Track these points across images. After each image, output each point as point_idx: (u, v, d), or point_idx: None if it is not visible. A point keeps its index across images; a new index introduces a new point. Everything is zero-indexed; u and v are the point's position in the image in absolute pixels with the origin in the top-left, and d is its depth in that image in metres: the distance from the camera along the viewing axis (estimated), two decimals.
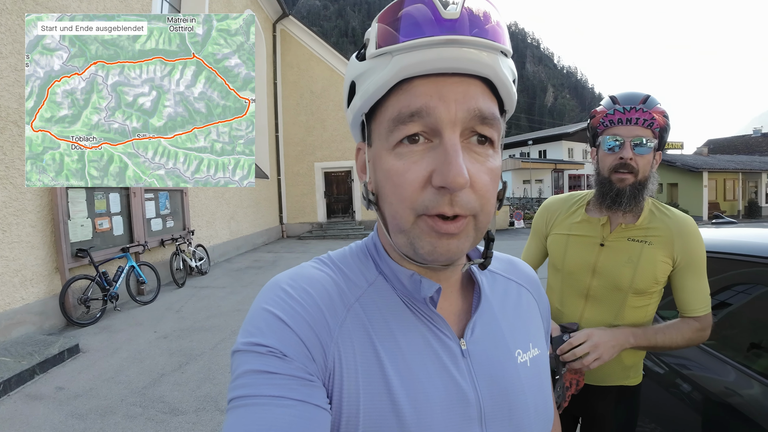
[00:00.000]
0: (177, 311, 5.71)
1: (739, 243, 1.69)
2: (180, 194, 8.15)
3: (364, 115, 0.50)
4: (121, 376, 3.72)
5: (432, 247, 0.45)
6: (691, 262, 1.22)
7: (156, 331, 4.92)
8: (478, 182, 0.44)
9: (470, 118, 0.43)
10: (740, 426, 1.32)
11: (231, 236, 10.62)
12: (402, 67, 0.43)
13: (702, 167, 22.92)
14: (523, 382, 0.54)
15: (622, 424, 1.35)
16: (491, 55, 0.43)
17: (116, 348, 4.40)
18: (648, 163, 1.22)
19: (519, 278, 0.65)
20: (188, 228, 8.25)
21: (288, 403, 0.41)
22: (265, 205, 13.39)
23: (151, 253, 7.09)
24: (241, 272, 8.48)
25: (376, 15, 0.47)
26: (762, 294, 1.56)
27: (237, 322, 5.15)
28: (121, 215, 6.34)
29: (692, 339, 1.22)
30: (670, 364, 1.69)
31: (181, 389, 3.43)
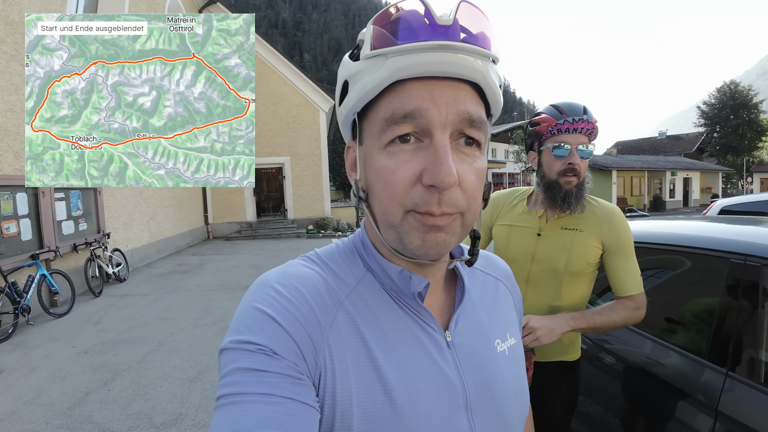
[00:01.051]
0: (96, 323, 5.23)
1: (651, 233, 1.95)
2: (93, 193, 7.38)
3: (356, 114, 0.51)
4: (42, 396, 3.38)
5: (421, 241, 0.47)
6: (619, 246, 1.38)
7: (75, 345, 4.49)
8: (466, 182, 0.46)
9: (459, 121, 0.45)
10: (658, 389, 1.54)
11: (151, 239, 9.86)
12: (396, 68, 0.44)
13: (611, 166, 25.91)
14: (503, 370, 0.57)
15: (564, 398, 1.49)
16: (481, 61, 0.45)
17: (34, 366, 3.97)
18: (586, 165, 1.41)
19: (496, 273, 0.69)
20: (103, 231, 7.52)
21: (277, 400, 0.41)
22: (189, 204, 12.59)
23: (63, 260, 6.40)
24: (164, 278, 7.92)
25: (308, 7, 0.50)
26: (671, 277, 1.84)
27: (164, 332, 4.83)
28: (30, 218, 5.64)
29: (629, 318, 1.35)
30: (594, 339, 1.92)
31: (109, 407, 3.19)
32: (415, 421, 0.47)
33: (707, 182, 32.53)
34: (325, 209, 15.51)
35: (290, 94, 14.84)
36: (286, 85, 14.75)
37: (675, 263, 1.81)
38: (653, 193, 28.82)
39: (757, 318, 1.35)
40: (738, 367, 1.34)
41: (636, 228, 2.10)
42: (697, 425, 1.34)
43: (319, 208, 15.46)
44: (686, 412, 1.41)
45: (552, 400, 1.48)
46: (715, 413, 1.29)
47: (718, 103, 37.57)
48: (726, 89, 37.56)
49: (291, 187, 15.16)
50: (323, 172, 15.44)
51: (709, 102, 38.55)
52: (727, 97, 37.12)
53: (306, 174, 15.23)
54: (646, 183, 27.95)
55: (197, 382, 3.60)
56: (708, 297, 1.59)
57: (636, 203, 26.91)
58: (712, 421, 1.30)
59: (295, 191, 15.21)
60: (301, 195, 15.28)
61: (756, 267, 1.39)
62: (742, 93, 36.79)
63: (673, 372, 1.52)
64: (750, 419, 1.23)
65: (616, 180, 25.68)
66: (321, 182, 15.42)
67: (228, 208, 14.60)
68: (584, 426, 1.87)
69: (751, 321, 1.36)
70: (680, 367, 1.51)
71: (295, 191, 15.21)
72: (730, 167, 35.33)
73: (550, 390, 1.48)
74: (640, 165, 27.48)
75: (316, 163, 15.28)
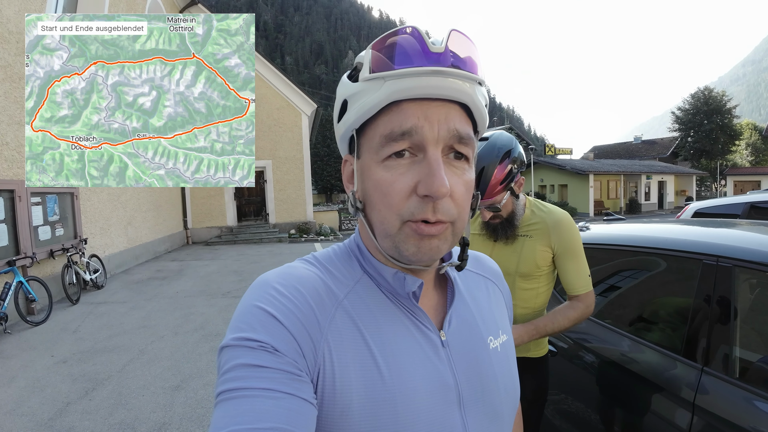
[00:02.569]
0: (74, 331, 5.07)
1: (627, 236, 2.02)
2: (70, 197, 7.14)
3: (354, 131, 0.55)
4: (22, 407, 3.27)
5: (416, 248, 0.50)
6: (567, 249, 1.49)
7: (53, 355, 4.34)
8: (456, 192, 0.50)
9: (450, 137, 0.50)
10: (634, 382, 1.59)
11: (129, 244, 9.62)
12: (394, 91, 0.49)
13: (588, 170, 26.53)
14: (495, 367, 0.60)
15: (534, 391, 1.58)
16: (470, 84, 0.50)
17: (12, 376, 3.83)
18: (509, 203, 1.51)
19: (485, 272, 0.73)
20: (80, 236, 7.30)
21: (278, 395, 0.42)
22: (167, 208, 12.33)
23: (39, 267, 6.19)
24: (143, 284, 7.72)
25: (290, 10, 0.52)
26: (647, 278, 1.90)
27: (143, 340, 4.72)
28: (5, 222, 5.42)
29: (578, 318, 1.45)
30: (574, 339, 1.97)
31: (91, 418, 3.10)
32: (412, 417, 0.49)
33: (682, 185, 33.55)
34: (307, 213, 15.42)
35: (271, 96, 14.73)
36: (267, 88, 14.63)
37: (650, 264, 1.87)
38: (629, 196, 29.61)
39: (729, 316, 1.40)
40: (712, 363, 1.39)
41: (613, 231, 2.17)
42: (675, 419, 1.40)
43: (301, 212, 15.36)
44: (664, 406, 1.46)
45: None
46: (693, 407, 1.35)
47: (692, 109, 38.83)
48: (700, 95, 38.87)
49: (272, 191, 15.02)
50: (305, 176, 15.35)
51: (684, 107, 39.85)
52: (701, 102, 38.40)
53: (288, 178, 15.12)
54: (622, 186, 28.72)
55: (180, 390, 3.53)
56: (682, 297, 1.64)
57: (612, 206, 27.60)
58: (690, 414, 1.35)
59: (277, 195, 15.07)
60: (282, 199, 15.15)
61: (728, 267, 1.45)
62: (716, 99, 38.13)
63: (650, 369, 1.57)
64: (724, 412, 1.28)
65: (593, 184, 26.31)
66: (303, 186, 15.32)
67: (208, 212, 14.36)
68: (566, 422, 1.92)
69: (723, 318, 1.42)
70: (657, 363, 1.55)
71: (277, 195, 15.07)
72: (703, 170, 36.44)
73: None
74: (616, 169, 28.24)
75: (298, 167, 15.19)
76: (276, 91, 14.75)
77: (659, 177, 31.07)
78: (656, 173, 30.54)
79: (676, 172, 32.26)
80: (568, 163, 28.23)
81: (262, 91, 14.54)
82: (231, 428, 0.40)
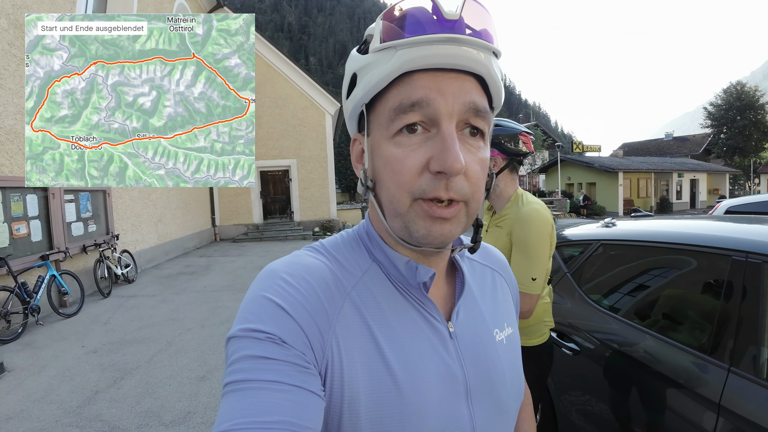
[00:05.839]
0: (104, 323, 5.28)
1: (654, 232, 1.96)
2: (102, 195, 7.47)
3: (364, 106, 0.53)
4: (51, 395, 3.41)
5: (426, 231, 0.48)
6: (518, 242, 1.54)
7: (84, 345, 4.53)
8: (471, 170, 0.48)
9: (465, 111, 0.47)
10: (658, 382, 1.56)
11: (159, 240, 9.94)
12: (405, 60, 0.46)
13: (617, 168, 25.64)
14: (501, 359, 0.59)
15: (532, 381, 1.57)
16: (485, 54, 0.47)
17: (43, 365, 4.01)
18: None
19: (493, 264, 0.71)
20: (112, 232, 7.61)
21: (285, 387, 0.41)
22: (196, 206, 12.69)
23: (72, 261, 6.48)
24: (172, 279, 7.98)
25: (314, 11, 0.51)
26: (675, 275, 1.83)
27: (171, 332, 4.87)
28: (40, 219, 5.70)
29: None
30: (600, 338, 1.91)
31: (119, 406, 3.21)
32: (419, 410, 0.48)
33: (714, 184, 32.16)
34: (331, 211, 15.53)
35: (296, 97, 14.89)
36: (292, 88, 14.80)
37: (677, 261, 1.81)
38: (660, 194, 28.55)
39: (758, 314, 1.35)
40: (740, 363, 1.34)
41: (639, 228, 2.11)
42: (700, 420, 1.35)
43: (325, 210, 15.48)
44: (688, 407, 1.41)
45: None
46: (718, 408, 1.30)
47: (725, 104, 37.30)
48: (732, 90, 37.28)
49: (297, 189, 15.19)
50: (329, 175, 15.46)
51: (716, 103, 38.30)
52: (733, 98, 36.86)
53: (312, 176, 15.27)
54: (653, 185, 27.70)
55: (205, 381, 3.62)
56: (710, 294, 1.59)
57: (643, 205, 26.63)
58: (715, 415, 1.30)
59: (302, 193, 15.25)
60: (307, 197, 15.31)
61: (757, 264, 1.40)
62: (749, 94, 36.50)
63: (675, 368, 1.52)
64: (751, 414, 1.23)
65: (622, 182, 25.46)
66: (327, 185, 15.44)
67: (235, 210, 14.67)
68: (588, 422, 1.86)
69: (752, 317, 1.36)
70: (682, 363, 1.51)
71: (302, 193, 15.25)
72: (737, 168, 35.00)
73: None
74: (646, 167, 27.25)
75: (322, 166, 15.31)
76: (300, 91, 14.90)
77: (691, 175, 29.86)
78: (688, 171, 29.36)
79: (708, 170, 30.96)
80: (596, 161, 27.36)
81: (287, 91, 14.73)
82: (237, 421, 0.39)
